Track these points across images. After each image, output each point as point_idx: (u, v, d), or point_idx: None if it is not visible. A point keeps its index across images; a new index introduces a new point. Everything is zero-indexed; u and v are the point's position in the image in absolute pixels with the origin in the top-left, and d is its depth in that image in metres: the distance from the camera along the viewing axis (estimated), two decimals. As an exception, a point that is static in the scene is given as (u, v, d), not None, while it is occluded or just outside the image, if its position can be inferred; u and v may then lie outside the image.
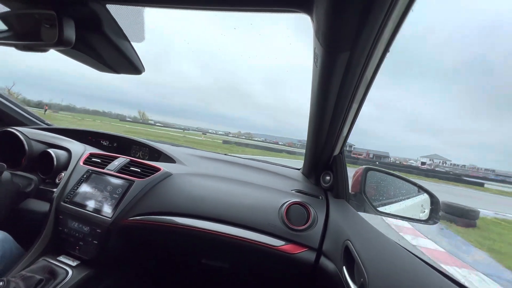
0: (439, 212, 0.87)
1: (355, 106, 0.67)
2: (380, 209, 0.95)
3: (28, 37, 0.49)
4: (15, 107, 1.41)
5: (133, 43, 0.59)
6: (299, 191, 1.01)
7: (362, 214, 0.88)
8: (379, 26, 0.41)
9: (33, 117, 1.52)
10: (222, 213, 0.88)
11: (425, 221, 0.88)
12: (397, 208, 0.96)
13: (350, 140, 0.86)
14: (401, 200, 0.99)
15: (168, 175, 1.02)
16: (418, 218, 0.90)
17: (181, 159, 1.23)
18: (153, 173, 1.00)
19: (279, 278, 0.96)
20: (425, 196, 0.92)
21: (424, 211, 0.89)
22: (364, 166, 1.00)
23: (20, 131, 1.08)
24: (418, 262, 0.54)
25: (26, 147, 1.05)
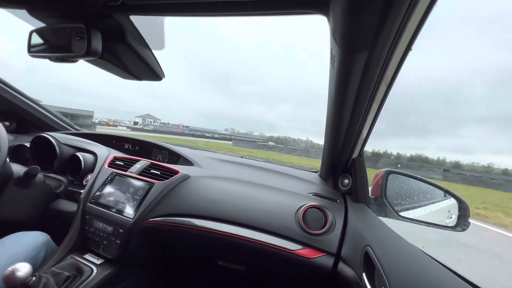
0: (468, 218, 0.81)
1: (375, 106, 0.65)
2: (403, 214, 0.90)
3: (61, 49, 0.53)
4: (48, 113, 1.53)
5: (154, 51, 0.62)
6: (316, 195, 0.99)
7: (383, 219, 0.85)
8: (399, 23, 0.39)
9: (63, 122, 1.63)
10: (239, 215, 0.89)
11: (453, 228, 0.82)
12: (421, 213, 0.91)
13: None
14: (425, 205, 0.94)
15: (186, 178, 1.04)
16: (444, 224, 0.85)
17: (199, 162, 1.25)
18: (172, 176, 1.03)
19: (296, 282, 0.95)
20: (452, 201, 0.86)
21: (451, 217, 0.84)
22: (385, 169, 0.97)
23: (53, 136, 1.16)
24: (443, 270, 0.51)
25: (58, 151, 1.13)
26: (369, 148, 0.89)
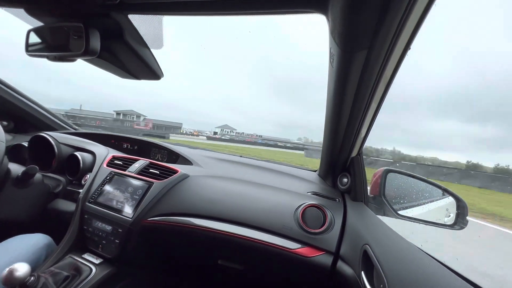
0: (466, 217, 0.82)
1: (373, 105, 0.65)
2: (401, 212, 0.91)
3: (59, 48, 0.53)
4: (46, 113, 1.52)
5: (152, 50, 0.61)
6: (315, 193, 1.00)
7: (381, 218, 0.85)
8: (398, 22, 0.40)
9: (62, 122, 1.62)
10: (238, 214, 0.89)
11: (451, 226, 0.83)
12: (419, 211, 0.92)
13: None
14: (424, 204, 0.94)
15: (185, 177, 1.04)
16: (442, 222, 0.85)
17: (198, 161, 1.25)
18: (171, 175, 1.02)
19: (295, 281, 0.95)
20: (450, 200, 0.87)
21: (450, 215, 0.85)
22: (384, 168, 0.97)
23: (51, 136, 1.15)
24: (442, 268, 0.51)
25: (56, 150, 1.13)
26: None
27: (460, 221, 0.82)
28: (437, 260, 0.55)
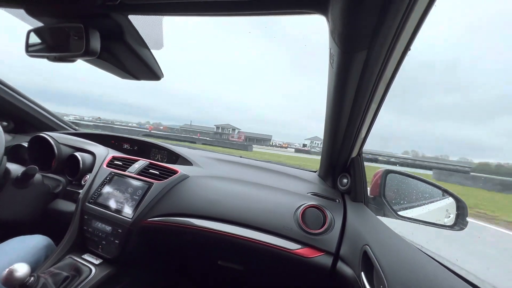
0: (466, 217, 0.82)
1: (373, 106, 0.65)
2: (401, 213, 0.91)
3: (59, 49, 0.53)
4: (46, 113, 1.52)
5: (152, 51, 0.62)
6: (315, 194, 0.99)
7: (381, 218, 0.85)
8: (398, 23, 0.40)
9: (62, 122, 1.62)
10: (237, 215, 0.89)
11: (451, 227, 0.83)
12: (419, 212, 0.92)
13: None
14: (424, 204, 0.94)
15: (185, 178, 1.04)
16: (442, 223, 0.85)
17: (198, 161, 1.25)
18: (171, 176, 1.02)
19: (295, 282, 0.95)
20: (450, 200, 0.87)
21: (450, 216, 0.85)
22: (384, 169, 0.97)
23: (51, 136, 1.15)
24: (442, 269, 0.51)
25: (56, 151, 1.13)
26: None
27: (460, 222, 0.82)
28: (436, 260, 0.56)
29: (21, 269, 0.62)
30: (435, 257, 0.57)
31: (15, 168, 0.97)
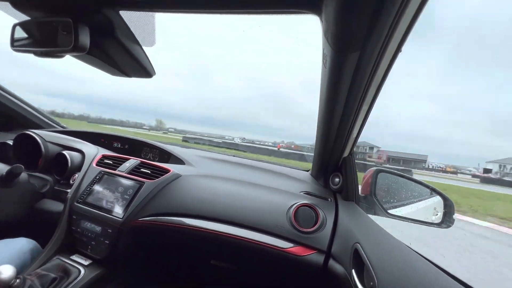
0: (453, 215, 0.84)
1: (365, 107, 0.66)
2: (391, 211, 0.93)
3: (46, 43, 0.51)
4: (32, 110, 1.47)
5: (144, 48, 0.60)
6: (307, 193, 1.00)
7: (372, 216, 0.87)
8: (390, 25, 0.40)
9: (49, 120, 1.57)
10: (230, 214, 0.89)
11: (438, 225, 0.85)
12: (408, 210, 0.94)
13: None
14: (413, 203, 0.97)
15: (177, 177, 1.03)
16: (430, 221, 0.88)
17: (190, 160, 1.24)
18: (162, 175, 1.01)
19: (288, 280, 0.96)
20: (438, 199, 0.89)
21: (437, 214, 0.87)
22: (374, 168, 0.99)
23: (37, 134, 1.12)
24: (430, 266, 0.53)
25: (43, 149, 1.09)
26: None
27: (447, 220, 0.85)
28: (425, 258, 0.57)
29: (6, 271, 0.60)
30: (425, 254, 0.59)
31: (0, 167, 0.94)
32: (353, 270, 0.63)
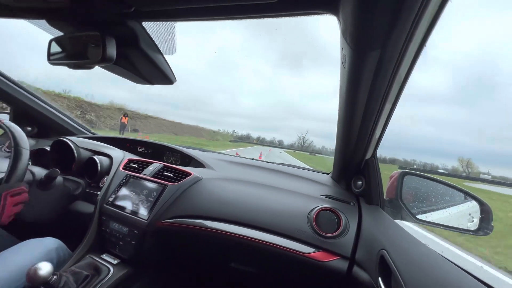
0: (491, 222, 0.77)
1: (388, 106, 0.63)
2: (420, 217, 0.87)
3: (78, 56, 0.55)
4: (67, 118, 1.59)
5: (165, 56, 0.63)
6: (328, 197, 0.98)
7: (399, 222, 0.82)
8: (412, 21, 0.38)
9: (81, 127, 1.69)
10: (250, 217, 0.89)
11: (475, 232, 0.78)
12: (439, 216, 0.88)
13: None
14: (444, 208, 0.90)
15: (198, 180, 1.05)
16: (465, 228, 0.81)
17: (211, 164, 1.26)
18: (184, 178, 1.04)
19: (310, 286, 0.93)
20: (473, 204, 0.82)
21: (473, 220, 0.80)
22: (400, 170, 0.94)
23: (71, 140, 1.20)
24: (465, 275, 0.49)
25: (76, 154, 1.17)
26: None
27: (484, 226, 0.78)
28: (459, 267, 0.53)
29: (45, 268, 0.65)
30: (459, 264, 0.54)
31: (39, 171, 1.02)
32: (379, 278, 0.60)
